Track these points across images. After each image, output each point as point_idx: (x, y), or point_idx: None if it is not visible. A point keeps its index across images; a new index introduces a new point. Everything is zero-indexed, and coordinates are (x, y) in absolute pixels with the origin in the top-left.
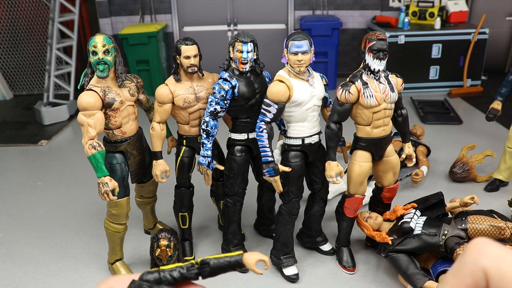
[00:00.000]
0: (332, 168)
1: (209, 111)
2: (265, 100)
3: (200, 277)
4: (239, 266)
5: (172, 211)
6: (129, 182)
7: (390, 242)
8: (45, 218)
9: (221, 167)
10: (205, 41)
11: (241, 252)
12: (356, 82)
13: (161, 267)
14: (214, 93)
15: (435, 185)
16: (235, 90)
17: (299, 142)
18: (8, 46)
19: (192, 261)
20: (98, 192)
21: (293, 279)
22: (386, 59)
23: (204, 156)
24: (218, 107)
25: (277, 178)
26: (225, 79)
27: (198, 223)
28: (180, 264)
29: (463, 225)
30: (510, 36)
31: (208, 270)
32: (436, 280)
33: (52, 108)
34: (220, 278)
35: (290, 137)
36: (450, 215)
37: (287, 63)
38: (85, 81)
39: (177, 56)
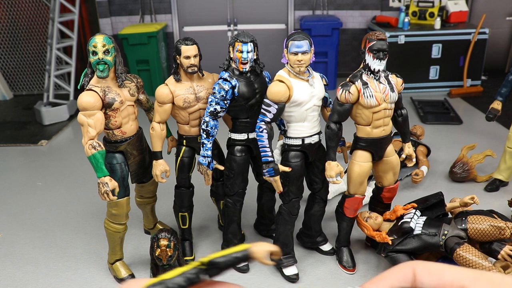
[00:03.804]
0: (332, 168)
1: (209, 111)
2: (265, 100)
3: (204, 277)
4: (246, 261)
5: (172, 211)
6: (129, 182)
7: (390, 242)
8: (45, 218)
9: (221, 167)
10: (205, 41)
11: (248, 245)
12: (356, 82)
13: (164, 276)
14: (214, 93)
15: (435, 185)
16: (235, 90)
17: (299, 142)
18: (8, 46)
19: (197, 263)
20: (98, 192)
21: (293, 279)
22: (386, 59)
23: (204, 156)
24: (218, 107)
25: (277, 178)
26: (225, 79)
27: (198, 223)
28: (184, 268)
29: (463, 225)
30: (510, 36)
31: (216, 271)
32: None
33: (52, 108)
34: (219, 278)
35: (290, 137)
36: (450, 215)
37: (287, 63)
38: (85, 81)
39: (177, 56)
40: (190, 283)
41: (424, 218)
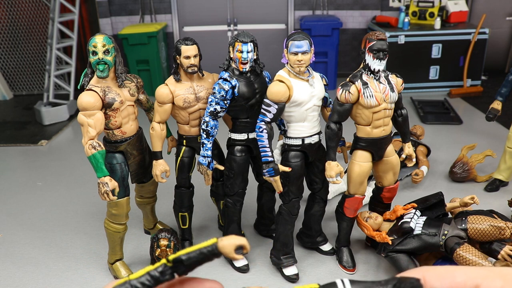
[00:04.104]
0: (332, 168)
1: (209, 111)
2: (265, 100)
3: (176, 275)
4: (216, 256)
5: (172, 211)
6: (129, 182)
7: (390, 242)
8: (45, 218)
9: (221, 167)
10: (205, 41)
11: (215, 240)
12: (356, 82)
13: (130, 275)
14: (214, 93)
15: (435, 185)
16: (235, 90)
17: (299, 142)
18: (8, 46)
19: (164, 261)
20: (98, 192)
21: (293, 279)
22: (386, 59)
23: (204, 156)
24: (218, 107)
25: (277, 178)
26: (225, 79)
27: (198, 223)
28: (150, 267)
29: (463, 225)
30: (510, 36)
31: (183, 268)
32: None
33: (52, 108)
34: (219, 278)
35: (290, 137)
36: (450, 215)
37: (287, 63)
38: (85, 81)
39: (177, 56)
40: (156, 282)
41: (424, 218)
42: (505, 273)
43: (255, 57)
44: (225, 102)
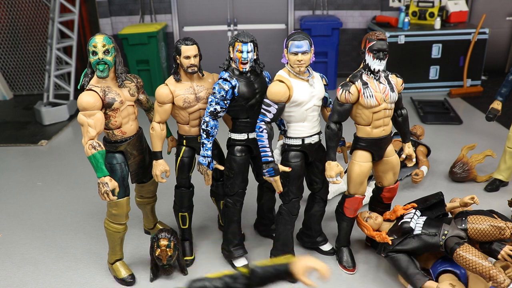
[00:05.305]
0: (332, 168)
1: (209, 111)
2: (265, 100)
3: None
4: (288, 275)
5: (172, 211)
6: (129, 182)
7: (390, 242)
8: (45, 218)
9: (221, 167)
10: (205, 41)
11: (291, 258)
12: (356, 82)
13: (208, 275)
14: (214, 93)
15: (435, 185)
16: (235, 90)
17: (299, 142)
18: (8, 46)
19: (244, 270)
20: (98, 192)
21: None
22: (386, 59)
23: (204, 156)
24: (218, 107)
25: (277, 178)
26: (225, 79)
27: (198, 223)
28: (228, 272)
29: (463, 225)
30: (510, 36)
31: (257, 280)
32: (436, 280)
33: (52, 108)
34: None
35: (290, 137)
36: (450, 215)
37: (287, 63)
38: (85, 81)
39: (177, 56)
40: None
41: (424, 218)
42: None
43: (255, 57)
44: (225, 102)
